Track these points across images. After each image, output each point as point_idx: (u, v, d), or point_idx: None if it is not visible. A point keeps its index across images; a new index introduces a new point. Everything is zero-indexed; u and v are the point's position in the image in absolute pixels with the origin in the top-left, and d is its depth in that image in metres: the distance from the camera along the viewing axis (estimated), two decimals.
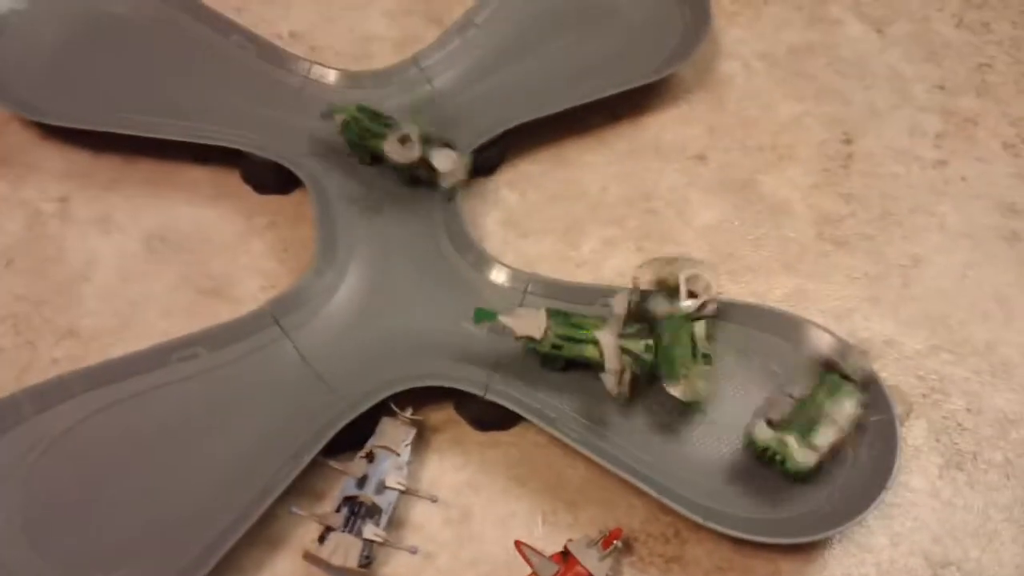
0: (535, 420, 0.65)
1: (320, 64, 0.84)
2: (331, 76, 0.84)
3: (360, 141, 0.76)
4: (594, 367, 0.66)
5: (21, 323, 0.72)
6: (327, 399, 0.67)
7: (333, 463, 0.65)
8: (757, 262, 0.79)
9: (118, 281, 0.75)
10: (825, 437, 0.63)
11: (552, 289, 0.72)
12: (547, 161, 0.84)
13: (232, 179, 0.81)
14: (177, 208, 0.79)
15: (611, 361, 0.65)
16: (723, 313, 0.70)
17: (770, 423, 0.64)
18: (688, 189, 0.82)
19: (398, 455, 0.65)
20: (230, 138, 0.78)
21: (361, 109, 0.76)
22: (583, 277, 0.77)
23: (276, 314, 0.70)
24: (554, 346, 0.66)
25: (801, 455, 0.63)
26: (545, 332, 0.66)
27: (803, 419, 0.64)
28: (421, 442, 0.68)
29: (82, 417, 0.65)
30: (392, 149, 0.74)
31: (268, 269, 0.76)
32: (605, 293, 0.71)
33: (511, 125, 0.80)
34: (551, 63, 0.86)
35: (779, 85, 0.89)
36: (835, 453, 0.64)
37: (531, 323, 0.66)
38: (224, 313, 0.73)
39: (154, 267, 0.76)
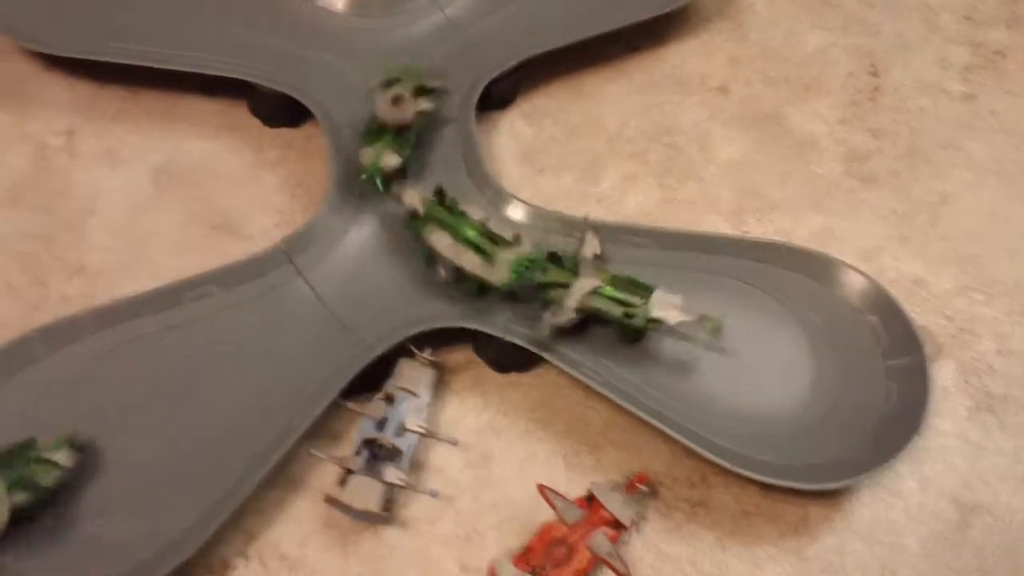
0: (557, 362, 0.64)
1: None
2: (340, 4, 0.81)
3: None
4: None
5: (30, 260, 0.70)
6: (344, 340, 0.65)
7: (351, 404, 0.63)
8: (782, 199, 0.76)
9: (126, 216, 0.73)
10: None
11: (575, 228, 0.70)
12: (563, 94, 0.81)
13: (240, 111, 0.78)
14: (185, 141, 0.77)
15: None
16: (751, 252, 0.69)
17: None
18: (710, 123, 0.80)
19: (417, 397, 0.64)
20: (238, 69, 0.75)
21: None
22: (603, 214, 0.75)
23: (290, 252, 0.68)
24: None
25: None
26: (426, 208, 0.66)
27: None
28: (440, 384, 0.67)
29: (95, 357, 0.63)
30: (385, 110, 0.70)
31: (280, 204, 0.74)
32: (630, 232, 0.69)
33: (526, 56, 0.77)
34: None
35: (803, 13, 0.87)
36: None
37: (415, 196, 0.67)
38: (236, 250, 0.71)
39: (162, 202, 0.74)
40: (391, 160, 0.69)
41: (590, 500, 0.61)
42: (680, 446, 0.62)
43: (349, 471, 0.61)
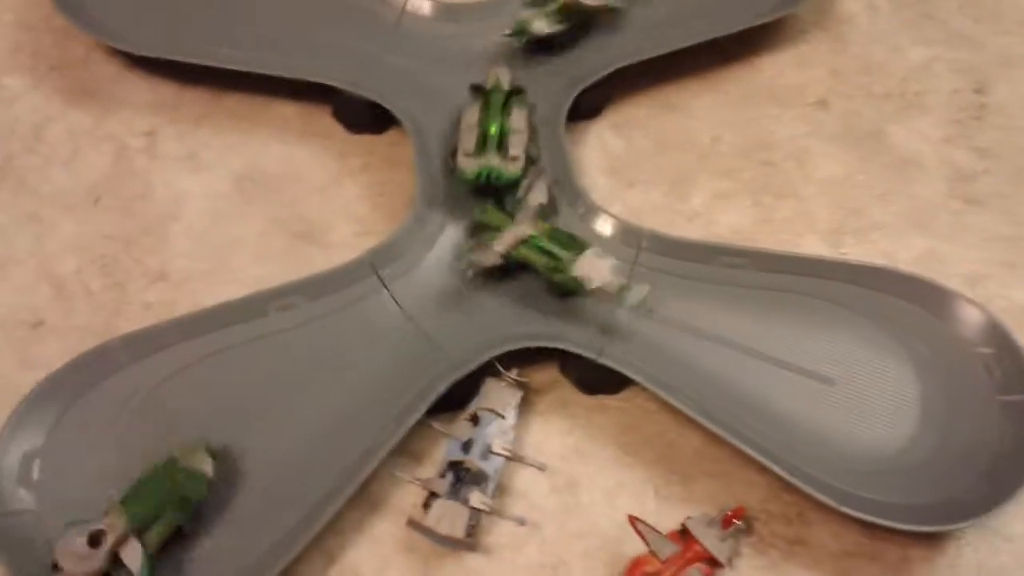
0: (653, 388, 0.61)
1: None
2: (427, 8, 0.79)
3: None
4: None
5: (110, 264, 0.69)
6: (430, 356, 0.63)
7: (436, 424, 0.61)
8: (885, 220, 0.73)
9: (208, 222, 0.71)
10: (518, 145, 0.68)
11: (668, 246, 0.67)
12: (653, 105, 0.79)
13: (323, 116, 0.76)
14: (267, 146, 0.75)
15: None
16: (853, 276, 0.66)
17: (468, 155, 0.68)
18: (808, 139, 0.77)
19: (503, 418, 0.62)
20: (324, 73, 0.74)
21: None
22: (694, 232, 0.72)
23: (375, 263, 0.66)
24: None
25: (508, 166, 0.67)
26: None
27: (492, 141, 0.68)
28: (524, 404, 0.64)
29: (178, 368, 0.62)
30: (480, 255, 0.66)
31: (362, 213, 0.72)
32: (726, 252, 0.67)
33: (618, 66, 0.75)
34: (660, 1, 0.80)
35: (906, 27, 0.83)
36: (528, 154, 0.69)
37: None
38: (318, 259, 0.70)
39: (244, 208, 0.72)
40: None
41: (684, 534, 0.58)
42: (777, 479, 0.59)
43: (433, 494, 0.59)
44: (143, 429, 0.60)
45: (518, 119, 0.69)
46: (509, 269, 0.66)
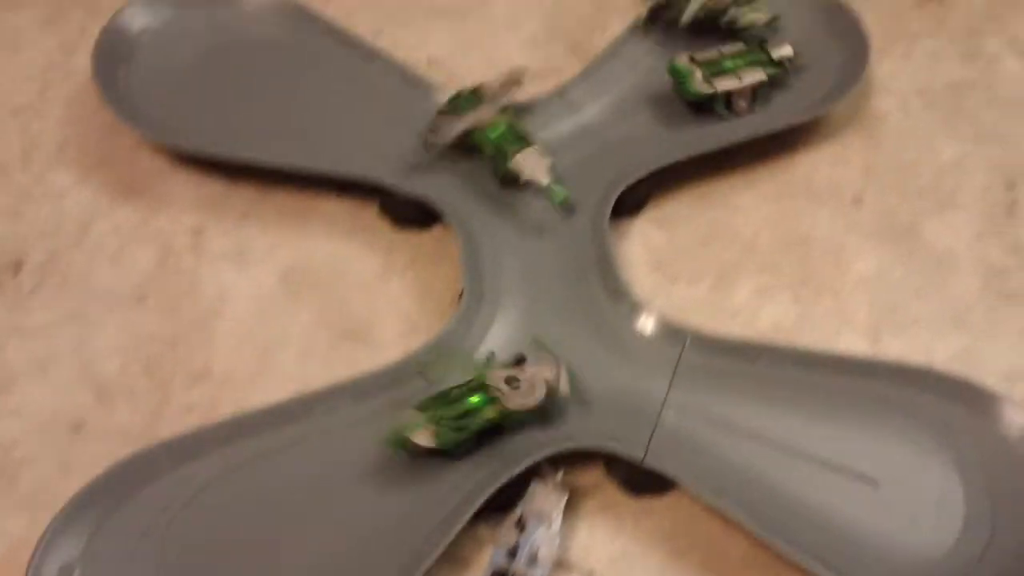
0: (699, 491, 0.61)
1: None
2: None
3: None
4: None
5: (154, 364, 0.70)
6: (476, 458, 0.64)
7: (483, 529, 0.61)
8: (921, 316, 0.74)
9: (254, 320, 0.72)
10: (724, 84, 0.78)
11: (712, 346, 0.68)
12: (693, 200, 0.80)
13: (370, 212, 0.77)
14: (313, 242, 0.76)
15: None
16: (895, 376, 0.66)
17: (692, 60, 0.79)
18: (845, 235, 0.78)
19: (550, 523, 0.62)
20: (371, 171, 0.75)
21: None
22: (737, 328, 0.73)
23: (422, 365, 0.67)
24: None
25: (699, 85, 0.77)
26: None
27: (716, 68, 0.78)
28: (570, 507, 0.64)
29: (220, 472, 0.62)
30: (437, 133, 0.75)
31: (408, 311, 0.73)
32: (770, 352, 0.67)
33: (661, 165, 0.76)
34: None
35: (938, 125, 0.84)
36: (728, 99, 0.79)
37: None
38: (362, 358, 0.70)
39: (290, 305, 0.73)
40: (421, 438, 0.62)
41: None
42: None
43: None
44: (184, 537, 0.60)
45: (750, 75, 0.79)
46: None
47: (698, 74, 0.78)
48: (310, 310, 0.73)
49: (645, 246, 0.77)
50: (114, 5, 0.83)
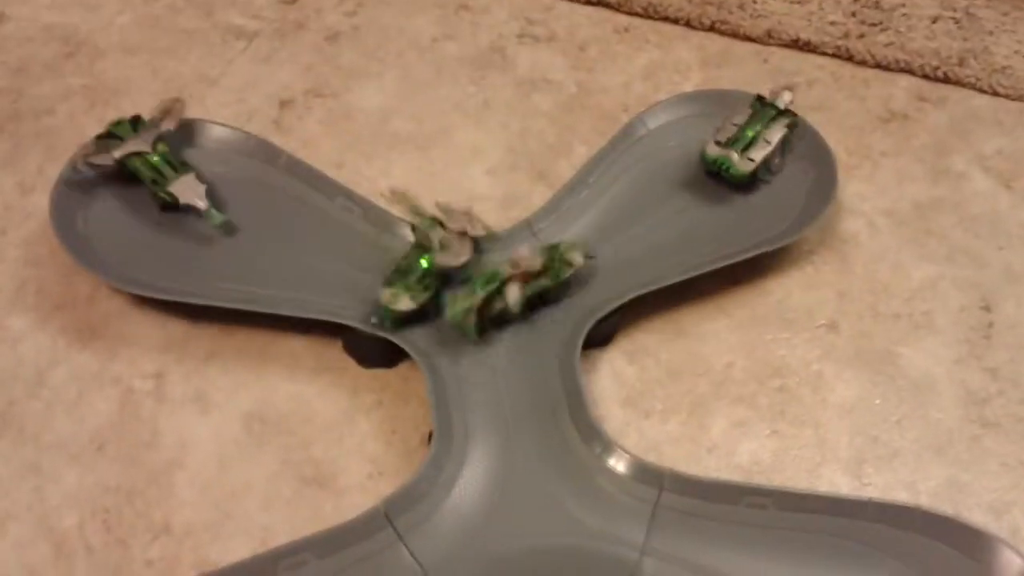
0: None
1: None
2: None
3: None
4: None
5: (112, 518, 0.67)
6: None
7: None
8: (903, 447, 0.72)
9: (215, 468, 0.70)
10: (759, 153, 0.81)
11: (691, 487, 0.66)
12: (663, 330, 0.78)
13: (334, 350, 0.76)
14: (277, 384, 0.74)
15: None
16: (881, 516, 0.64)
17: (718, 143, 0.82)
18: (821, 362, 0.76)
19: None
20: (335, 311, 0.73)
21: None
22: (714, 463, 0.71)
23: (390, 514, 0.64)
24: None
25: (741, 164, 0.80)
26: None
27: (743, 141, 0.82)
28: None
29: None
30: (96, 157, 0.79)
31: (375, 453, 0.71)
32: (750, 492, 0.65)
33: (631, 296, 0.75)
34: (668, 225, 0.81)
35: (908, 245, 0.84)
36: (766, 163, 0.82)
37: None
38: (328, 504, 0.68)
39: (253, 451, 0.70)
40: (403, 304, 0.72)
41: None
42: None
43: None
44: None
45: (774, 133, 0.81)
46: None
47: (734, 155, 0.81)
48: (273, 456, 0.70)
49: (616, 379, 0.75)
50: (72, 145, 0.82)
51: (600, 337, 0.76)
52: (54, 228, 0.75)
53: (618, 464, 0.67)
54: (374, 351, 0.74)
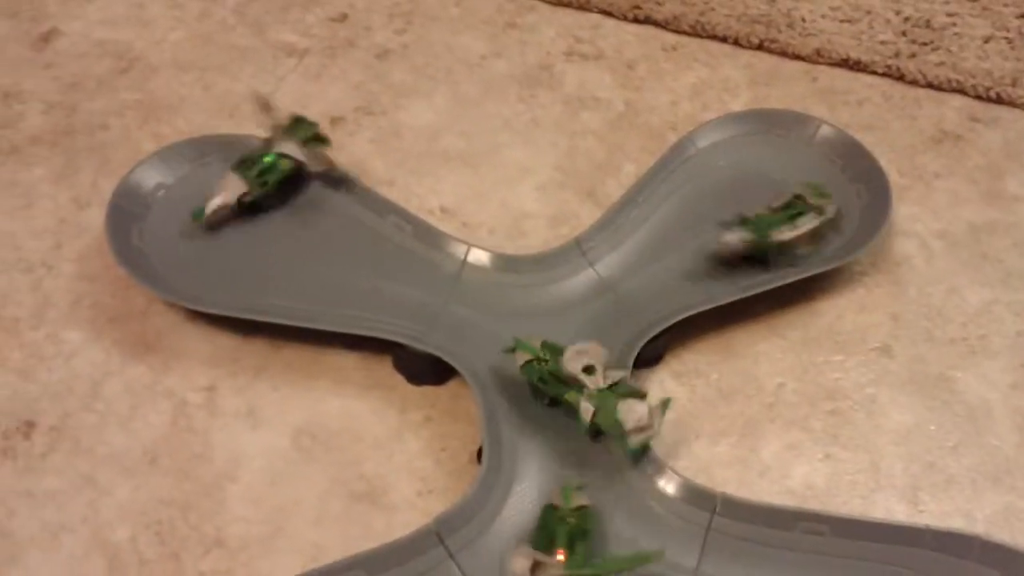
0: None
1: (478, 247, 0.79)
2: (487, 261, 0.79)
3: (542, 384, 0.70)
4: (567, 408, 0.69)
5: (166, 531, 0.67)
6: None
7: None
8: (959, 473, 0.71)
9: (267, 483, 0.70)
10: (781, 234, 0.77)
11: (745, 511, 0.65)
12: (713, 351, 0.78)
13: (383, 366, 0.76)
14: (326, 400, 0.74)
15: (584, 413, 0.67)
16: (940, 544, 0.63)
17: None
18: (875, 386, 0.76)
19: None
20: (386, 327, 0.74)
21: (546, 347, 0.70)
22: (766, 486, 0.70)
23: (441, 533, 0.64)
24: (541, 379, 0.69)
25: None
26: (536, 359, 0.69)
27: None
28: None
29: None
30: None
31: (424, 471, 0.71)
32: (806, 518, 0.64)
33: (681, 316, 0.74)
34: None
35: (963, 268, 0.83)
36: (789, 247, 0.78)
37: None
38: (378, 521, 0.68)
39: (303, 467, 0.71)
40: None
41: None
42: None
43: None
44: None
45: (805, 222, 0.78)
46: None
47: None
48: (323, 472, 0.70)
49: None
50: (127, 159, 0.83)
51: (649, 356, 0.76)
52: (109, 243, 0.76)
53: (669, 486, 0.67)
54: (424, 368, 0.74)
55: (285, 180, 0.81)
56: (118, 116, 0.91)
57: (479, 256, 0.79)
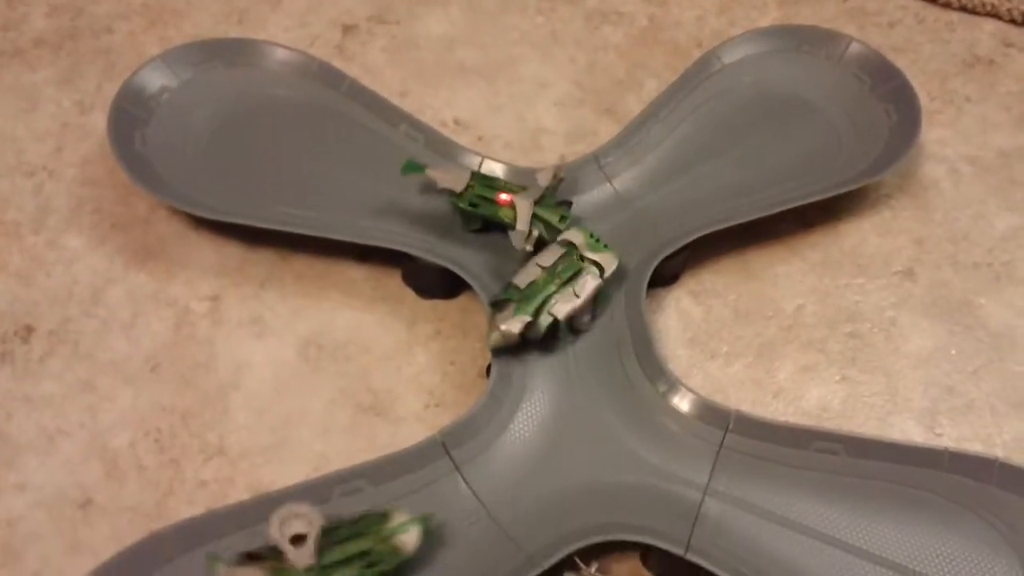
0: None
1: (491, 159, 0.77)
2: (501, 171, 0.76)
3: (472, 208, 0.71)
4: (505, 227, 0.70)
5: (165, 438, 0.66)
6: (505, 549, 0.59)
7: None
8: (979, 399, 0.69)
9: (271, 392, 0.68)
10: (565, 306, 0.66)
11: (758, 429, 0.64)
12: (732, 271, 0.76)
13: (392, 279, 0.74)
14: (334, 311, 0.72)
15: (522, 223, 0.69)
16: (959, 466, 0.61)
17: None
18: (896, 310, 0.73)
19: None
20: (396, 239, 0.71)
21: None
22: (780, 407, 0.69)
23: (448, 444, 0.62)
24: (472, 203, 0.70)
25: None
26: (466, 188, 0.70)
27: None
28: None
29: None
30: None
31: (432, 384, 0.69)
32: (820, 437, 0.63)
33: (700, 234, 0.72)
34: (741, 163, 0.78)
35: (991, 194, 0.80)
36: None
37: (455, 178, 0.71)
38: (384, 433, 0.67)
39: (309, 377, 0.69)
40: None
41: None
42: None
43: None
44: None
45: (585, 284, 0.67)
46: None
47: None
48: (330, 383, 0.69)
49: (681, 319, 0.73)
50: (132, 63, 0.80)
51: (666, 275, 0.74)
52: (112, 147, 0.74)
53: (682, 403, 0.65)
54: (433, 281, 0.72)
55: None
56: (124, 19, 0.89)
57: (492, 168, 0.76)
